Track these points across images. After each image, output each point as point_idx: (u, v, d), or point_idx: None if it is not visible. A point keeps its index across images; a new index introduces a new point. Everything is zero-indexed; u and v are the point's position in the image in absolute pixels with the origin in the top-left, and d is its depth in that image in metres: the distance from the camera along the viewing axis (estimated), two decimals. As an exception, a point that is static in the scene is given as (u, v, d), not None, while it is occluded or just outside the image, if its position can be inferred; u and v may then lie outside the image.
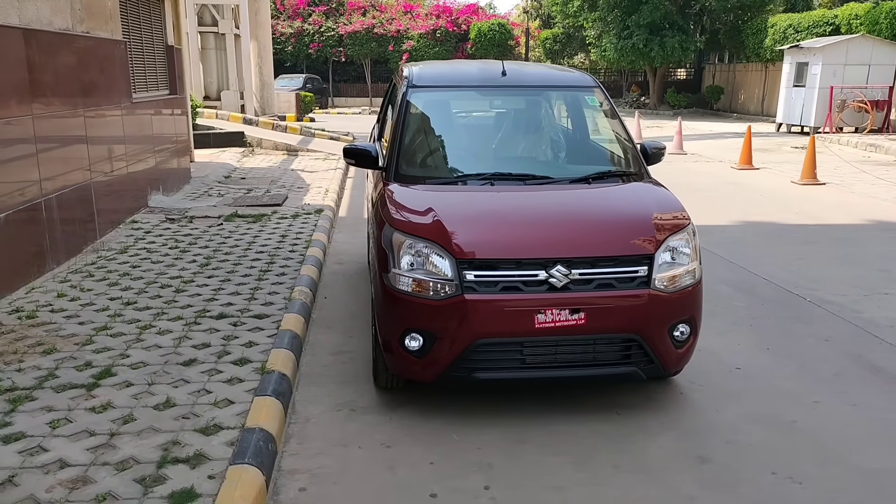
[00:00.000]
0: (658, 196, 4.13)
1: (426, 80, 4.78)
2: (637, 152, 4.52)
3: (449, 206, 3.86)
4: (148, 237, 7.30)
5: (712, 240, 7.96)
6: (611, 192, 4.13)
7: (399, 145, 4.38)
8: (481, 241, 3.61)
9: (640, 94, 35.86)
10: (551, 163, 4.49)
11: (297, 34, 35.55)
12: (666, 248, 3.72)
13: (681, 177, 13.01)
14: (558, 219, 3.79)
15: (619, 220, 3.85)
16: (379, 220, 3.96)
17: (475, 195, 4.01)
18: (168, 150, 9.81)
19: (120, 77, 7.90)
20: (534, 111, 4.77)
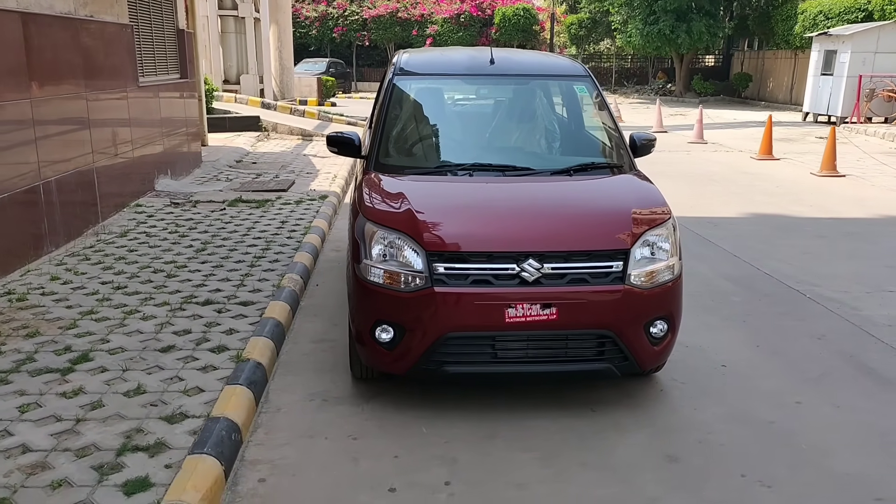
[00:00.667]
0: (639, 189, 4.04)
1: (413, 66, 4.72)
2: (624, 144, 4.43)
3: (423, 197, 3.81)
4: (150, 221, 7.36)
5: (719, 233, 7.82)
6: (590, 185, 4.05)
7: (381, 134, 4.34)
8: (452, 233, 3.57)
9: (665, 80, 35.32)
10: (534, 154, 4.41)
11: (321, 18, 35.55)
12: (643, 244, 3.64)
13: (697, 166, 12.81)
14: (533, 212, 3.72)
15: (595, 213, 3.78)
16: (354, 210, 3.93)
17: (452, 186, 3.96)
18: (178, 134, 9.87)
19: (126, 61, 7.94)
20: (520, 100, 4.69)
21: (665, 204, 3.95)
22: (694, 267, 6.53)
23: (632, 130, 5.21)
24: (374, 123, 4.43)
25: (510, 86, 4.69)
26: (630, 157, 4.37)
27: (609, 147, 4.51)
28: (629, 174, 4.24)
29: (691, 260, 6.76)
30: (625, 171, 4.28)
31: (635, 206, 3.80)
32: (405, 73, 4.63)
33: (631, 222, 3.67)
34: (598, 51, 38.57)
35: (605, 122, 4.57)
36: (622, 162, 4.35)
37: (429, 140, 4.50)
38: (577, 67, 4.79)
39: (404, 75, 4.62)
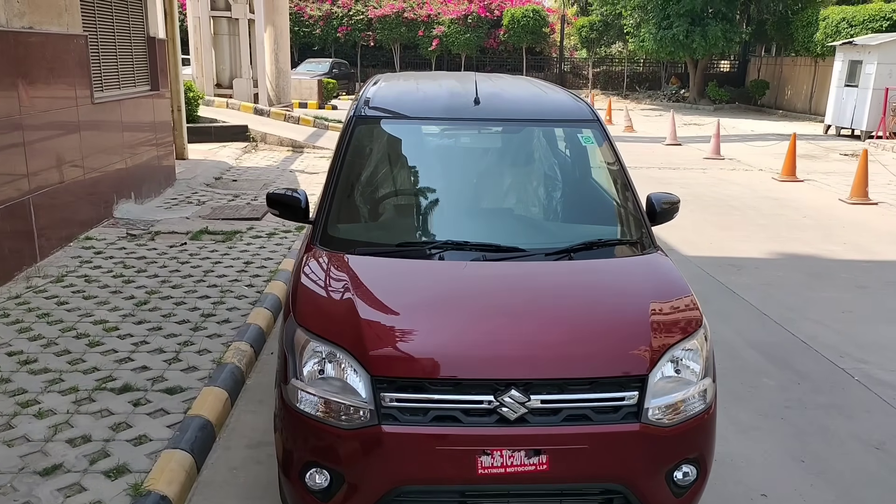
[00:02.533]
0: (659, 281, 3.10)
1: (381, 104, 3.77)
2: (639, 209, 3.47)
3: (375, 292, 2.90)
4: (96, 260, 6.47)
5: (743, 280, 6.87)
6: (596, 277, 3.10)
7: (332, 196, 3.42)
8: (408, 350, 2.65)
9: (679, 86, 34.22)
10: (525, 227, 3.46)
11: (325, 17, 34.63)
12: (666, 363, 2.72)
13: (715, 188, 11.85)
14: (519, 319, 2.78)
15: (602, 321, 2.84)
16: (286, 305, 3.02)
17: (415, 276, 3.02)
18: (145, 151, 8.98)
19: (77, 76, 7.05)
20: (510, 154, 3.74)
21: (693, 301, 3.01)
22: (717, 329, 5.58)
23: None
24: (326, 180, 3.51)
25: (498, 134, 3.74)
26: (647, 227, 3.43)
27: (621, 216, 3.55)
28: (647, 254, 3.30)
29: (713, 318, 5.81)
30: (641, 249, 3.33)
31: (655, 308, 2.87)
32: (369, 115, 3.69)
33: (650, 333, 2.74)
34: (609, 54, 37.49)
35: (616, 181, 3.62)
36: (637, 236, 3.41)
37: (391, 206, 3.56)
38: (583, 109, 3.82)
39: (368, 117, 3.69)
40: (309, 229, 3.46)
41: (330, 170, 3.56)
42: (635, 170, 13.81)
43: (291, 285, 3.09)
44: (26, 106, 6.06)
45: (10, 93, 5.83)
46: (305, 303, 2.89)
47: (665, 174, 13.21)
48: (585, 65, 36.31)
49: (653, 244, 3.38)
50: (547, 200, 3.64)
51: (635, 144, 17.78)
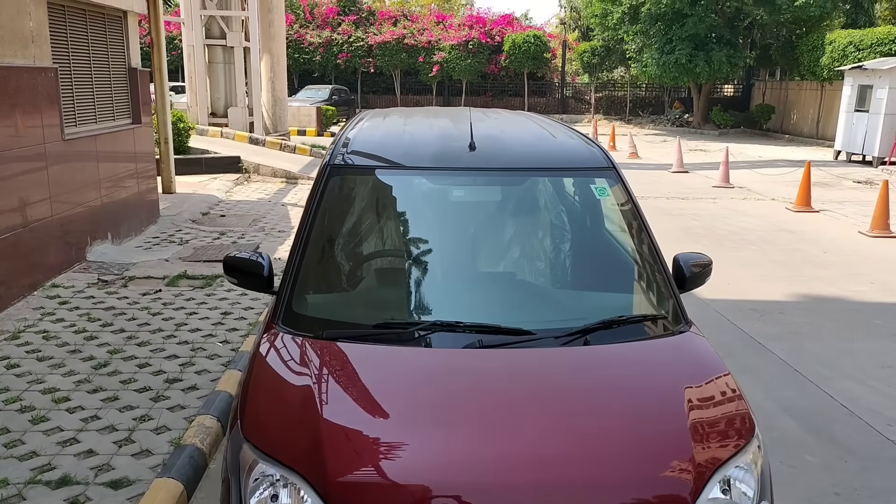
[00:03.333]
0: (698, 373, 2.51)
1: (358, 152, 3.20)
2: (667, 278, 2.89)
3: (344, 395, 2.32)
4: (60, 311, 5.90)
5: (767, 329, 6.28)
6: (619, 371, 2.50)
7: (298, 263, 2.85)
8: (381, 479, 2.06)
9: (682, 111, 33.79)
10: (529, 302, 2.87)
11: (325, 44, 34.37)
12: (714, 486, 2.13)
13: (728, 220, 11.29)
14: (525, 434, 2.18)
15: (630, 434, 2.22)
16: (233, 410, 2.43)
17: (394, 374, 2.42)
18: (125, 188, 8.46)
19: (45, 111, 6.53)
20: (510, 210, 3.15)
21: (742, 399, 2.42)
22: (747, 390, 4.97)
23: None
24: (294, 242, 2.95)
25: (497, 186, 3.17)
26: (677, 298, 2.84)
27: (645, 285, 2.96)
28: (678, 333, 2.71)
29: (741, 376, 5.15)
30: (671, 326, 2.75)
31: (696, 412, 2.29)
32: (345, 164, 3.12)
33: (691, 448, 2.16)
34: (611, 79, 37.15)
35: (638, 241, 3.04)
36: (666, 309, 2.82)
37: (370, 276, 2.98)
38: (595, 154, 3.21)
39: (344, 167, 3.12)
40: (272, 302, 2.88)
41: (298, 229, 3.00)
42: (643, 200, 13.25)
43: (242, 381, 2.51)
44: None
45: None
46: (255, 410, 2.30)
47: (675, 205, 12.66)
48: (588, 90, 35.96)
49: (684, 319, 2.80)
50: (556, 267, 3.04)
51: (641, 172, 17.27)
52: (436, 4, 42.46)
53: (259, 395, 2.36)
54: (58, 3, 6.90)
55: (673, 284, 2.89)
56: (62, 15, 7.04)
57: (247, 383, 2.43)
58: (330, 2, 36.34)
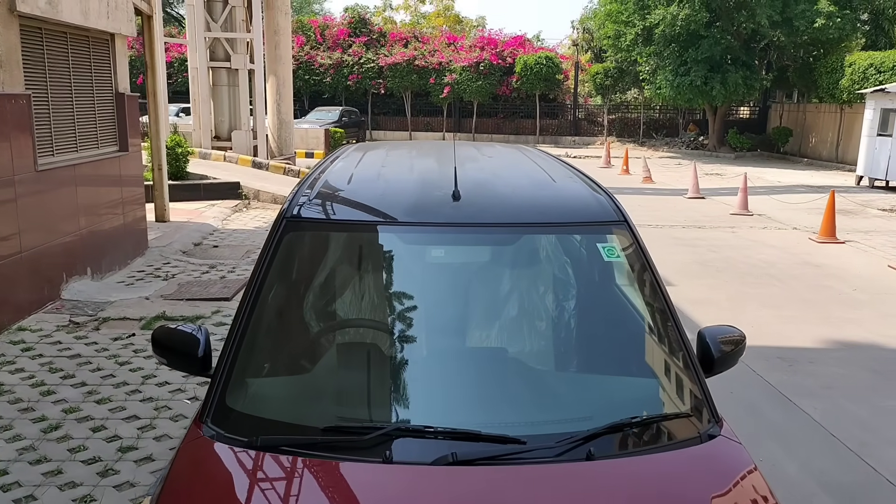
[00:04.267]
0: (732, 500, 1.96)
1: (321, 204, 2.67)
2: (691, 361, 2.33)
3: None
4: (20, 360, 5.41)
5: (798, 381, 5.68)
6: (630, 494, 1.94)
7: (238, 343, 2.32)
8: None
9: (697, 133, 33.21)
10: (518, 398, 2.25)
11: (336, 65, 34.14)
12: None
13: (748, 251, 10.68)
14: None
15: None
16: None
17: (340, 501, 1.89)
18: (108, 220, 8.01)
19: (14, 140, 6.10)
20: (500, 277, 2.59)
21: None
22: (774, 458, 4.43)
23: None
24: (236, 315, 2.43)
25: (484, 246, 2.62)
26: (703, 388, 2.28)
27: (663, 372, 2.40)
28: (706, 439, 2.14)
29: (771, 443, 4.66)
30: (696, 428, 2.18)
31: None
32: (304, 218, 2.59)
33: None
34: (624, 100, 36.65)
35: (656, 315, 2.48)
36: (688, 404, 2.26)
37: (325, 362, 2.44)
38: (604, 205, 2.65)
39: (303, 220, 2.59)
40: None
41: (243, 297, 2.47)
42: (658, 229, 12.71)
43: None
44: (-64, 180, 5.09)
45: (-88, 166, 4.86)
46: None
47: (691, 234, 12.08)
48: (600, 111, 35.48)
49: (713, 416, 2.24)
50: (555, 350, 2.46)
51: (655, 198, 16.71)
52: (447, 26, 42.25)
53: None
54: (33, 26, 6.48)
55: (699, 371, 2.33)
56: (39, 38, 6.63)
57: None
58: (341, 23, 36.22)
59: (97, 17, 7.51)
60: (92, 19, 7.39)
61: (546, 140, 33.45)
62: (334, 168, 3.10)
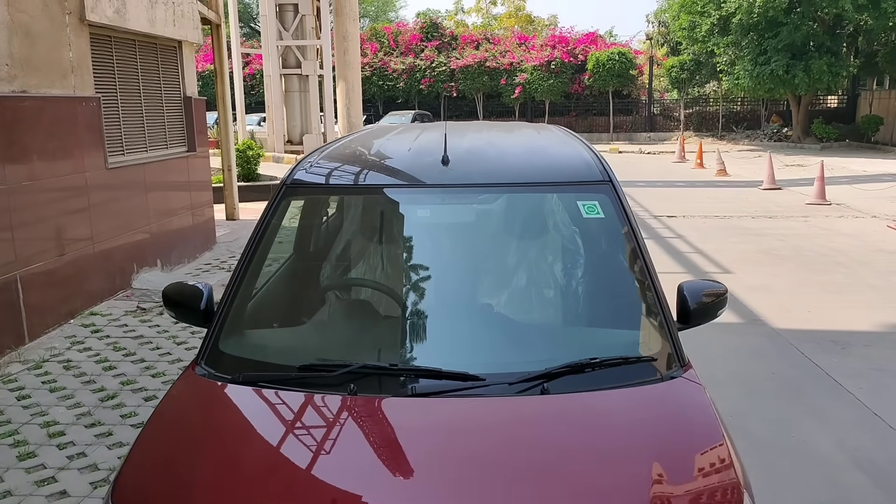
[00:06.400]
0: (679, 435, 2.01)
1: (319, 172, 2.88)
2: (661, 312, 2.38)
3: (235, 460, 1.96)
4: (89, 340, 5.87)
5: (848, 364, 5.49)
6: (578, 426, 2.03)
7: (232, 295, 2.54)
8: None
9: (781, 124, 31.95)
10: (485, 341, 2.37)
11: (408, 70, 34.76)
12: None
13: (818, 240, 10.29)
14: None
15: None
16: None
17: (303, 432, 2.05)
18: (177, 215, 8.52)
19: (86, 140, 6.61)
20: (479, 234, 2.71)
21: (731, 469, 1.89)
22: (808, 433, 4.33)
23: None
24: (233, 272, 2.65)
25: (468, 205, 2.74)
26: (672, 336, 2.32)
27: (631, 320, 2.46)
28: (666, 381, 2.20)
29: (805, 420, 4.56)
30: (660, 371, 2.24)
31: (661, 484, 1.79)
32: (302, 183, 2.81)
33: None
34: (703, 94, 35.65)
35: (629, 268, 2.53)
36: (655, 350, 2.32)
37: (309, 311, 2.63)
38: (592, 167, 2.74)
39: (301, 185, 2.81)
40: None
41: (241, 257, 2.70)
42: (724, 220, 12.39)
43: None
44: (14, 174, 5.59)
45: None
46: (134, 468, 1.98)
47: (759, 224, 11.73)
48: (676, 106, 34.65)
49: (679, 361, 2.28)
50: (524, 300, 2.56)
51: (726, 190, 16.26)
52: (518, 26, 42.22)
53: (141, 452, 2.04)
54: (102, 34, 7.00)
55: (669, 319, 2.38)
56: (108, 45, 7.15)
57: (139, 434, 2.12)
58: (413, 29, 36.80)
59: (163, 25, 8.02)
60: (158, 27, 7.90)
61: (620, 137, 32.93)
62: (338, 144, 3.29)
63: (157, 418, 2.17)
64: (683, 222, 12.02)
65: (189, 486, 1.83)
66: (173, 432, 2.10)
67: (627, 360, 2.24)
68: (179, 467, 1.92)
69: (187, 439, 2.03)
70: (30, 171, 5.80)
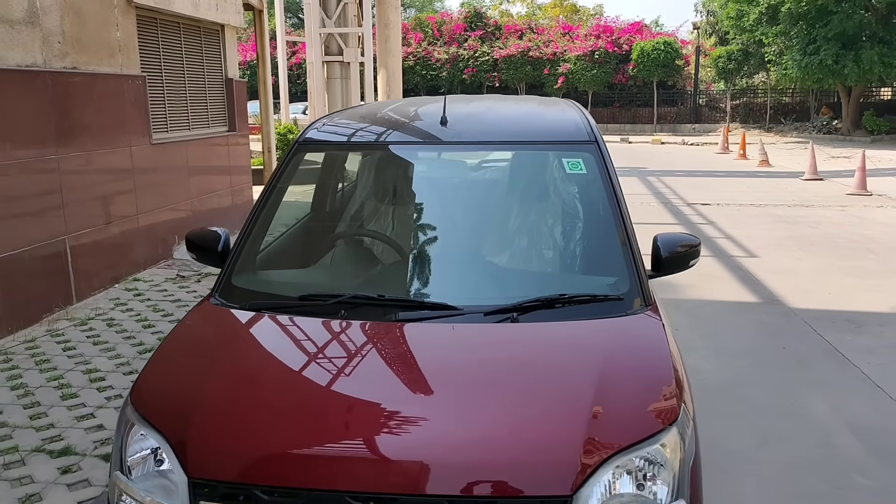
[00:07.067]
0: (629, 357, 2.22)
1: (328, 132, 3.16)
2: (633, 256, 2.58)
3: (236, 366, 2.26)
4: (132, 303, 6.28)
5: (860, 342, 5.55)
6: (536, 349, 2.26)
7: (245, 237, 2.83)
8: (236, 447, 1.96)
9: (831, 117, 31.22)
10: (467, 278, 2.63)
11: (451, 60, 34.95)
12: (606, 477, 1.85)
13: (851, 228, 10.21)
14: (401, 414, 2.03)
15: (518, 418, 1.98)
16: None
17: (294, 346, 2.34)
18: (216, 191, 8.93)
19: (131, 117, 7.02)
20: (470, 186, 2.98)
21: (673, 390, 2.10)
22: (807, 404, 4.45)
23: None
24: (248, 217, 2.94)
25: (462, 161, 2.99)
26: (640, 279, 2.52)
27: (604, 264, 2.67)
28: (630, 315, 2.41)
29: (805, 389, 4.67)
30: (625, 308, 2.44)
31: (605, 398, 2.01)
32: (313, 140, 3.09)
33: (583, 436, 1.89)
34: (751, 85, 35.03)
35: (607, 220, 2.74)
36: (624, 290, 2.52)
37: (311, 251, 2.92)
38: (580, 128, 2.97)
39: (312, 142, 3.09)
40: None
41: (255, 204, 2.98)
42: (759, 208, 12.33)
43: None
44: (65, 146, 6.01)
45: (44, 133, 5.79)
46: (150, 374, 2.29)
47: (795, 212, 11.65)
48: (723, 97, 34.14)
49: (644, 301, 2.49)
50: (506, 244, 2.80)
51: (766, 180, 16.10)
52: (563, 16, 42.03)
53: (158, 361, 2.35)
54: (148, 16, 7.41)
55: (640, 264, 2.58)
56: (154, 27, 7.55)
57: (156, 349, 2.43)
58: (457, 19, 36.95)
59: (206, 9, 8.41)
60: (202, 11, 8.29)
61: (664, 128, 32.60)
62: (348, 110, 3.56)
63: (173, 337, 2.47)
64: (716, 210, 12.01)
65: (199, 384, 2.13)
66: (187, 346, 2.40)
67: (595, 297, 2.46)
68: (190, 372, 2.22)
69: (199, 352, 2.33)
70: (79, 142, 6.22)
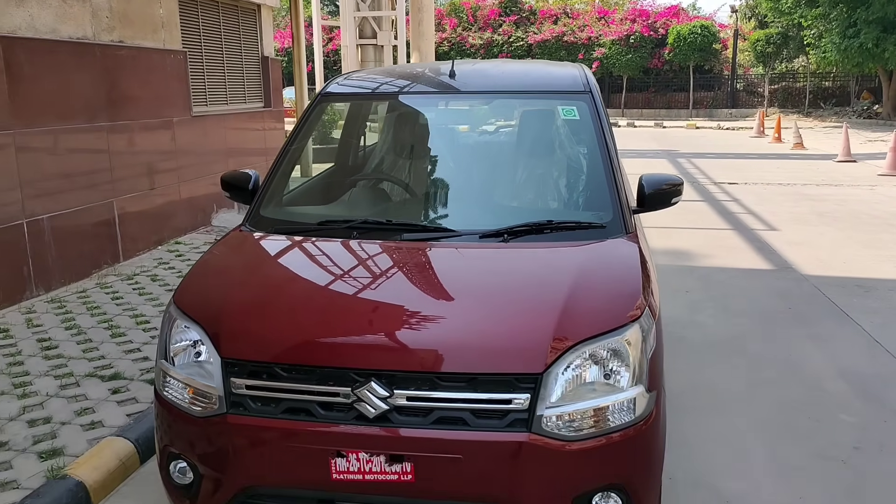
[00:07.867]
0: (602, 268, 2.53)
1: (349, 85, 3.52)
2: (617, 191, 2.88)
3: (260, 272, 2.64)
4: (172, 262, 6.74)
5: (865, 303, 5.74)
6: (522, 262, 2.59)
7: (274, 173, 3.20)
8: (260, 331, 2.33)
9: (872, 101, 30.66)
10: (467, 209, 2.97)
11: (486, 45, 35.10)
12: (571, 361, 2.17)
13: (877, 205, 10.27)
14: (397, 306, 2.38)
15: (498, 311, 2.32)
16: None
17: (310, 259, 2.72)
18: (253, 163, 9.35)
19: (173, 90, 7.47)
20: (471, 130, 3.31)
21: (637, 290, 2.40)
22: (803, 354, 4.68)
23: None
24: (276, 158, 3.31)
25: (467, 109, 3.32)
26: (621, 212, 2.82)
27: (591, 197, 2.96)
28: (609, 240, 2.71)
29: (803, 342, 4.90)
30: (605, 235, 2.74)
31: (576, 297, 2.32)
32: (334, 93, 3.44)
33: (555, 325, 2.21)
34: (790, 69, 34.50)
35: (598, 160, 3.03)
36: (606, 220, 2.81)
37: (330, 185, 3.29)
38: (576, 80, 3.28)
39: (333, 94, 3.44)
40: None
41: (281, 148, 3.35)
42: (788, 187, 12.40)
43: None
44: (113, 116, 6.47)
45: (95, 101, 6.25)
46: (190, 280, 2.67)
47: (822, 191, 11.70)
48: (761, 82, 33.71)
49: (624, 230, 2.79)
50: (504, 180, 3.13)
51: (798, 162, 16.06)
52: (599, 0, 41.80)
53: (197, 272, 2.72)
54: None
55: (623, 198, 2.88)
56: (194, 5, 7.98)
57: (195, 263, 2.81)
58: (492, 4, 37.02)
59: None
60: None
61: (700, 113, 32.34)
62: (351, 74, 3.90)
63: (209, 254, 2.85)
64: (743, 188, 12.11)
65: (230, 288, 2.50)
66: (221, 260, 2.78)
67: (580, 224, 2.77)
68: (223, 279, 2.60)
69: (231, 264, 2.72)
70: (126, 112, 6.68)
